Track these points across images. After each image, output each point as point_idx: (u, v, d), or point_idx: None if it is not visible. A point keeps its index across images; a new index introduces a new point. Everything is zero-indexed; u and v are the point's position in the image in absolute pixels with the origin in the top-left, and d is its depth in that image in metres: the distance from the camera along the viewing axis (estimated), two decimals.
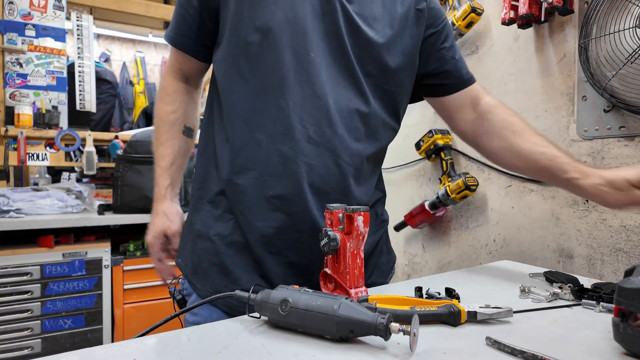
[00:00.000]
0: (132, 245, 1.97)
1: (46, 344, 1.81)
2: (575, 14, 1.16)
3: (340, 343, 0.55)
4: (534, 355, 0.50)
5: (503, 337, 0.56)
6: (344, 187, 0.78)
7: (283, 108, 0.74)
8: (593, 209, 1.13)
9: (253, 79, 0.76)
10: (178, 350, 0.54)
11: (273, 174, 0.75)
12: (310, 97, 0.75)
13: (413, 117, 1.78)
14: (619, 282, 0.54)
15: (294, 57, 0.74)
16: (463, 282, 0.88)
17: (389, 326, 0.52)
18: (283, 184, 0.75)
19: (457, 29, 1.41)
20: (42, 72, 2.49)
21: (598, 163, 1.11)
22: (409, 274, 1.82)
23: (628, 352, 0.53)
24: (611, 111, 1.08)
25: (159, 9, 2.49)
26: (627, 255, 1.05)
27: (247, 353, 0.53)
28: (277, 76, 0.75)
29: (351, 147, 0.78)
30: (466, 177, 1.40)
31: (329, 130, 0.76)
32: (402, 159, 1.82)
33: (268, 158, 0.75)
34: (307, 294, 0.58)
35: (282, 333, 0.59)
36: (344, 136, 0.77)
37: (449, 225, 1.58)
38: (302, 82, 0.75)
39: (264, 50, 0.75)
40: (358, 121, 0.80)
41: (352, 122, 0.79)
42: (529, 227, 1.29)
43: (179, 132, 0.93)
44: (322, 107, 0.75)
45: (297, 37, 0.74)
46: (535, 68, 1.28)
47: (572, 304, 0.73)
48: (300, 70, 0.74)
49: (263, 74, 0.76)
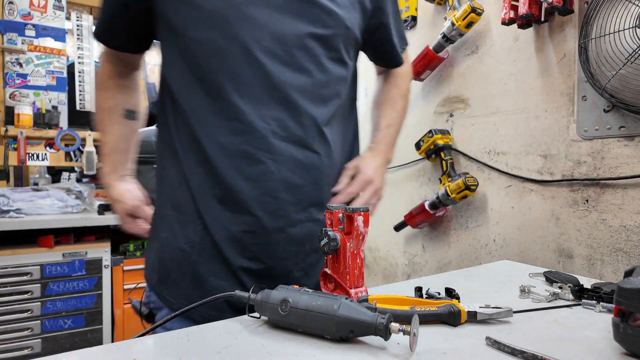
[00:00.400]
0: (132, 245, 1.97)
1: (46, 344, 1.81)
2: (575, 14, 1.16)
3: (340, 343, 0.55)
4: (534, 355, 0.50)
5: (503, 337, 0.56)
6: (316, 174, 0.77)
7: (240, 105, 0.72)
8: (593, 209, 1.13)
9: (203, 78, 0.73)
10: (178, 350, 0.54)
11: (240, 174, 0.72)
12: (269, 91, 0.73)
13: (413, 117, 1.78)
14: (619, 283, 0.54)
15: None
16: (463, 282, 0.88)
17: (389, 326, 0.52)
18: (251, 184, 0.72)
19: (457, 28, 1.41)
20: (42, 72, 2.49)
21: (598, 163, 1.11)
22: (409, 274, 1.82)
23: (628, 352, 0.53)
24: (611, 111, 1.08)
25: None
26: (627, 256, 1.05)
27: (247, 353, 0.53)
28: (229, 71, 0.72)
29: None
30: (466, 177, 1.40)
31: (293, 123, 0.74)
32: (402, 159, 1.82)
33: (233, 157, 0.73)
34: (307, 294, 0.58)
35: (282, 333, 0.59)
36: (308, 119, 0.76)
37: (449, 225, 1.58)
38: (256, 74, 0.72)
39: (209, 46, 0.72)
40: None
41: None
42: (528, 227, 1.29)
43: (120, 117, 0.90)
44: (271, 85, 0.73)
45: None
46: (535, 68, 1.28)
47: (572, 304, 0.73)
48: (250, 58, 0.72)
49: (213, 72, 0.72)
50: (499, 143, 1.39)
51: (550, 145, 1.23)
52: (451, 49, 1.56)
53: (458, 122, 1.55)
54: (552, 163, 1.23)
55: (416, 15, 1.75)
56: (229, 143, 0.73)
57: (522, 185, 1.32)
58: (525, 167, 1.31)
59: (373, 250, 2.05)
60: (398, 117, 0.98)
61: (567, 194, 1.19)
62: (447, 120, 1.60)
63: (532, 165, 1.29)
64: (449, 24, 1.43)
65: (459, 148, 1.54)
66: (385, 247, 1.97)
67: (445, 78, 1.60)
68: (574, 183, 1.17)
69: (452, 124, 1.57)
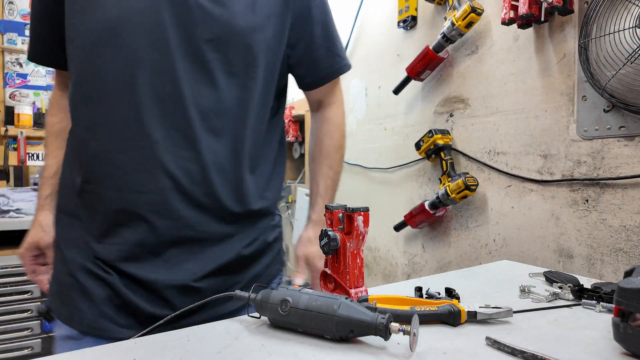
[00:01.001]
0: None
1: (46, 344, 1.81)
2: (575, 14, 1.16)
3: (340, 343, 0.55)
4: (533, 355, 0.50)
5: (503, 337, 0.56)
6: (207, 184, 0.74)
7: (134, 110, 0.69)
8: (593, 209, 1.13)
9: (94, 83, 0.71)
10: (178, 350, 0.54)
11: (126, 182, 0.70)
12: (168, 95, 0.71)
13: (413, 117, 1.78)
14: (619, 283, 0.54)
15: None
16: (463, 282, 0.88)
17: (388, 326, 0.52)
18: (140, 194, 0.70)
19: (457, 28, 1.41)
20: (42, 72, 2.49)
21: (598, 163, 1.11)
22: (409, 274, 1.82)
23: (628, 352, 0.53)
24: (611, 111, 1.08)
25: None
26: (627, 255, 1.05)
27: (247, 353, 0.53)
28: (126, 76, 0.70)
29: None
30: (466, 177, 1.40)
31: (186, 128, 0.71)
32: (402, 159, 1.82)
33: (120, 165, 0.70)
34: (307, 294, 0.58)
35: (282, 333, 0.59)
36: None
37: (449, 225, 1.58)
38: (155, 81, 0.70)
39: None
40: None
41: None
42: (528, 227, 1.29)
43: (65, 142, 0.86)
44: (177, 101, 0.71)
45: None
46: (535, 68, 1.28)
47: (572, 304, 0.73)
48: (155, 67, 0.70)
49: (106, 77, 0.70)
50: (499, 143, 1.39)
51: (550, 145, 1.23)
52: (451, 49, 1.56)
53: (458, 122, 1.55)
54: (552, 163, 1.23)
55: (416, 15, 1.75)
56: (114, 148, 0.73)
57: (522, 185, 1.32)
58: (525, 167, 1.31)
59: (373, 250, 2.05)
60: (335, 175, 0.95)
61: (567, 193, 1.19)
62: (447, 120, 1.60)
63: (532, 165, 1.29)
64: (449, 24, 1.43)
65: (458, 148, 1.54)
66: (385, 247, 1.97)
67: (445, 78, 1.60)
68: (574, 183, 1.17)
69: (452, 124, 1.58)
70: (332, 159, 0.94)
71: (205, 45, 0.70)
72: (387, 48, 1.94)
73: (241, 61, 0.74)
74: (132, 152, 0.69)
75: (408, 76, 1.66)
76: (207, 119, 0.72)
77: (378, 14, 2.01)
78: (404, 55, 1.82)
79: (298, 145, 2.93)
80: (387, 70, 1.94)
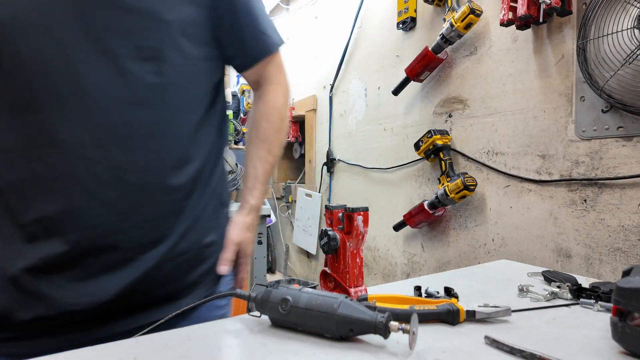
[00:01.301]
0: None
1: None
2: (574, 15, 1.17)
3: (340, 342, 0.55)
4: (532, 354, 0.51)
5: (501, 336, 0.56)
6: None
7: (34, 114, 0.64)
8: (591, 209, 1.13)
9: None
10: (178, 349, 0.54)
11: (34, 191, 0.65)
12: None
13: (412, 117, 1.78)
14: (617, 282, 0.54)
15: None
16: (462, 281, 0.88)
17: (388, 325, 0.52)
18: (48, 202, 0.64)
19: (455, 30, 1.41)
20: None
21: (596, 163, 1.12)
22: (408, 273, 1.82)
23: (626, 351, 0.53)
24: (609, 111, 1.08)
25: None
26: (625, 255, 1.06)
27: (248, 352, 0.53)
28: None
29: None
30: (465, 177, 1.40)
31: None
32: (401, 159, 1.83)
33: (27, 172, 0.65)
34: (307, 293, 0.58)
35: (282, 332, 0.59)
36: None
37: (448, 225, 1.59)
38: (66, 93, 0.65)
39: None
40: None
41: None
42: (527, 226, 1.30)
43: None
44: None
45: None
46: (534, 69, 1.28)
47: (571, 303, 0.73)
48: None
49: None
50: (497, 143, 1.40)
51: (548, 145, 1.24)
52: (450, 50, 1.57)
53: (457, 123, 1.55)
54: (550, 163, 1.23)
55: (415, 17, 1.75)
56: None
57: (520, 185, 1.32)
58: (524, 167, 1.31)
59: (372, 250, 2.05)
60: (274, 160, 0.89)
61: (566, 193, 1.19)
62: (446, 120, 1.60)
63: (530, 165, 1.29)
64: (448, 25, 1.43)
65: (457, 148, 1.54)
66: (385, 247, 1.97)
67: (444, 79, 1.61)
68: (572, 183, 1.17)
69: (451, 125, 1.58)
70: (271, 143, 0.88)
71: (107, 32, 0.65)
72: (387, 49, 1.95)
73: (152, 45, 0.68)
74: (38, 159, 0.64)
75: (407, 77, 1.66)
76: (117, 113, 0.66)
77: (378, 15, 2.01)
78: (403, 56, 1.82)
79: (298, 146, 2.94)
80: (387, 71, 1.95)
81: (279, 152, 0.90)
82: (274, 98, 0.90)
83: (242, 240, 0.82)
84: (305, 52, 2.71)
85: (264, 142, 0.87)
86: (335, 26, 2.38)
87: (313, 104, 2.59)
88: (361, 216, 0.67)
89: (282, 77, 0.92)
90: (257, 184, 0.85)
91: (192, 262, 0.75)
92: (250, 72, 0.87)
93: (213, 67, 0.80)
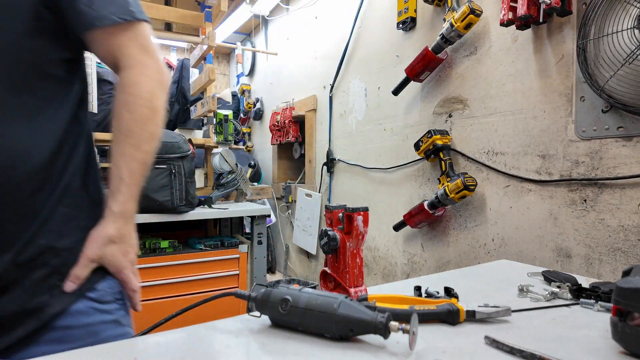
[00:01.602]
0: None
1: None
2: (574, 15, 1.17)
3: (340, 342, 0.56)
4: (532, 354, 0.51)
5: (502, 336, 0.56)
6: None
7: None
8: (591, 209, 1.13)
9: None
10: (178, 349, 0.54)
11: None
12: None
13: (412, 117, 1.78)
14: (617, 282, 0.54)
15: None
16: (462, 282, 0.88)
17: (388, 325, 0.52)
18: None
19: (455, 30, 1.41)
20: None
21: (596, 163, 1.12)
22: (408, 273, 1.82)
23: (626, 351, 0.53)
24: (609, 112, 1.08)
25: (160, 10, 2.49)
26: (625, 255, 1.06)
27: (248, 352, 0.54)
28: None
29: None
30: (465, 177, 1.40)
31: None
32: (401, 159, 1.83)
33: None
34: (307, 293, 0.58)
35: (282, 332, 0.59)
36: None
37: (448, 225, 1.59)
38: None
39: None
40: None
41: None
42: (527, 226, 1.30)
43: None
44: None
45: None
46: (534, 69, 1.28)
47: (571, 303, 0.73)
48: None
49: None
50: (497, 143, 1.40)
51: (548, 145, 1.24)
52: (450, 50, 1.57)
53: (457, 123, 1.55)
54: (550, 163, 1.23)
55: (415, 17, 1.75)
56: None
57: (520, 185, 1.32)
58: (524, 167, 1.31)
59: (372, 250, 2.05)
60: (143, 156, 0.74)
61: (565, 193, 1.19)
62: (446, 120, 1.60)
63: (530, 165, 1.29)
64: (448, 25, 1.43)
65: (457, 148, 1.54)
66: (385, 247, 1.97)
67: (444, 79, 1.61)
68: (572, 183, 1.18)
69: (451, 125, 1.58)
70: (136, 137, 0.74)
71: None
72: (387, 49, 1.95)
73: None
74: None
75: (407, 77, 1.66)
76: None
77: (377, 15, 2.01)
78: (403, 56, 1.83)
79: (298, 146, 2.94)
80: (387, 71, 1.95)
81: (150, 147, 0.76)
82: (137, 85, 0.75)
83: (103, 256, 0.70)
84: (305, 52, 2.71)
85: (127, 136, 0.73)
86: (335, 26, 2.38)
87: (313, 104, 2.59)
88: (361, 216, 0.67)
89: (147, 59, 0.76)
90: (121, 187, 0.72)
91: (47, 270, 0.67)
92: (98, 47, 0.75)
93: (47, 43, 0.69)
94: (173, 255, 1.92)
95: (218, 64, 4.22)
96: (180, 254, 1.94)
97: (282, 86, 3.07)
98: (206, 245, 2.02)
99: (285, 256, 2.98)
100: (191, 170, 1.86)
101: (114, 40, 0.73)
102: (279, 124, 2.87)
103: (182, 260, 1.93)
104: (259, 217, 2.10)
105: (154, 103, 0.75)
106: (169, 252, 1.92)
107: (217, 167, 2.16)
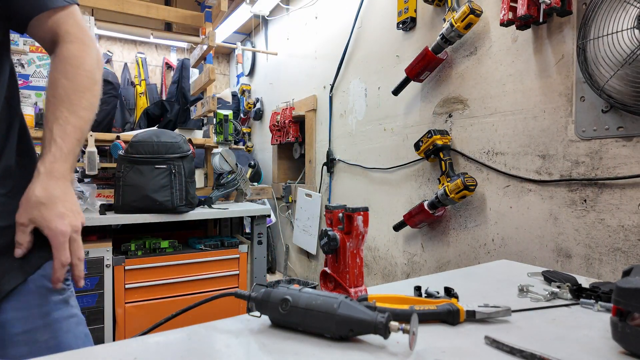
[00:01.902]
0: (134, 245, 1.98)
1: None
2: (574, 15, 1.17)
3: (340, 342, 0.56)
4: (532, 354, 0.51)
5: (502, 336, 0.56)
6: None
7: None
8: (591, 209, 1.13)
9: None
10: (178, 349, 0.54)
11: None
12: None
13: (412, 117, 1.78)
14: (617, 282, 0.54)
15: None
16: (462, 282, 0.88)
17: (388, 325, 0.52)
18: None
19: (455, 30, 1.41)
20: (43, 73, 2.49)
21: (596, 163, 1.12)
22: (408, 273, 1.82)
23: (626, 351, 0.53)
24: (609, 112, 1.08)
25: (160, 11, 2.50)
26: (625, 255, 1.06)
27: (248, 352, 0.54)
28: None
29: None
30: (465, 177, 1.40)
31: None
32: (401, 159, 1.83)
33: None
34: (307, 293, 0.59)
35: (283, 332, 0.59)
36: None
37: (448, 225, 1.59)
38: None
39: None
40: None
41: None
42: (527, 226, 1.30)
43: None
44: None
45: None
46: (534, 69, 1.28)
47: (571, 303, 0.73)
48: None
49: None
50: (497, 143, 1.40)
51: (548, 145, 1.24)
52: (450, 50, 1.57)
53: (457, 123, 1.55)
54: (550, 163, 1.23)
55: (415, 17, 1.75)
56: None
57: (520, 185, 1.32)
58: (524, 167, 1.31)
59: (372, 250, 2.06)
60: (79, 122, 0.74)
61: (565, 194, 1.19)
62: (446, 120, 1.60)
63: (530, 165, 1.29)
64: (448, 25, 1.43)
65: (457, 148, 1.54)
66: (385, 247, 1.97)
67: (444, 79, 1.61)
68: (572, 183, 1.18)
69: (451, 125, 1.58)
70: (73, 103, 0.74)
71: None
72: (387, 49, 1.95)
73: None
74: None
75: (407, 77, 1.66)
76: None
77: (377, 15, 2.01)
78: (403, 56, 1.83)
79: (298, 146, 2.94)
80: (387, 71, 1.95)
81: (87, 115, 0.75)
82: (76, 57, 0.76)
83: (33, 218, 0.68)
84: (305, 52, 2.71)
85: (64, 101, 0.73)
86: (335, 26, 2.38)
87: (313, 104, 2.59)
88: (361, 216, 0.67)
89: (86, 37, 0.79)
90: (51, 147, 0.70)
91: None
92: (39, 29, 0.77)
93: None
94: (173, 255, 1.92)
95: (218, 64, 4.22)
96: (180, 254, 1.94)
97: (282, 86, 3.07)
98: (206, 245, 2.02)
99: (285, 256, 2.98)
100: (191, 170, 1.87)
101: (56, 19, 0.76)
102: (279, 124, 2.87)
103: (182, 260, 1.94)
104: (259, 217, 2.11)
105: (95, 75, 0.78)
106: (169, 252, 1.93)
107: (217, 167, 2.16)
